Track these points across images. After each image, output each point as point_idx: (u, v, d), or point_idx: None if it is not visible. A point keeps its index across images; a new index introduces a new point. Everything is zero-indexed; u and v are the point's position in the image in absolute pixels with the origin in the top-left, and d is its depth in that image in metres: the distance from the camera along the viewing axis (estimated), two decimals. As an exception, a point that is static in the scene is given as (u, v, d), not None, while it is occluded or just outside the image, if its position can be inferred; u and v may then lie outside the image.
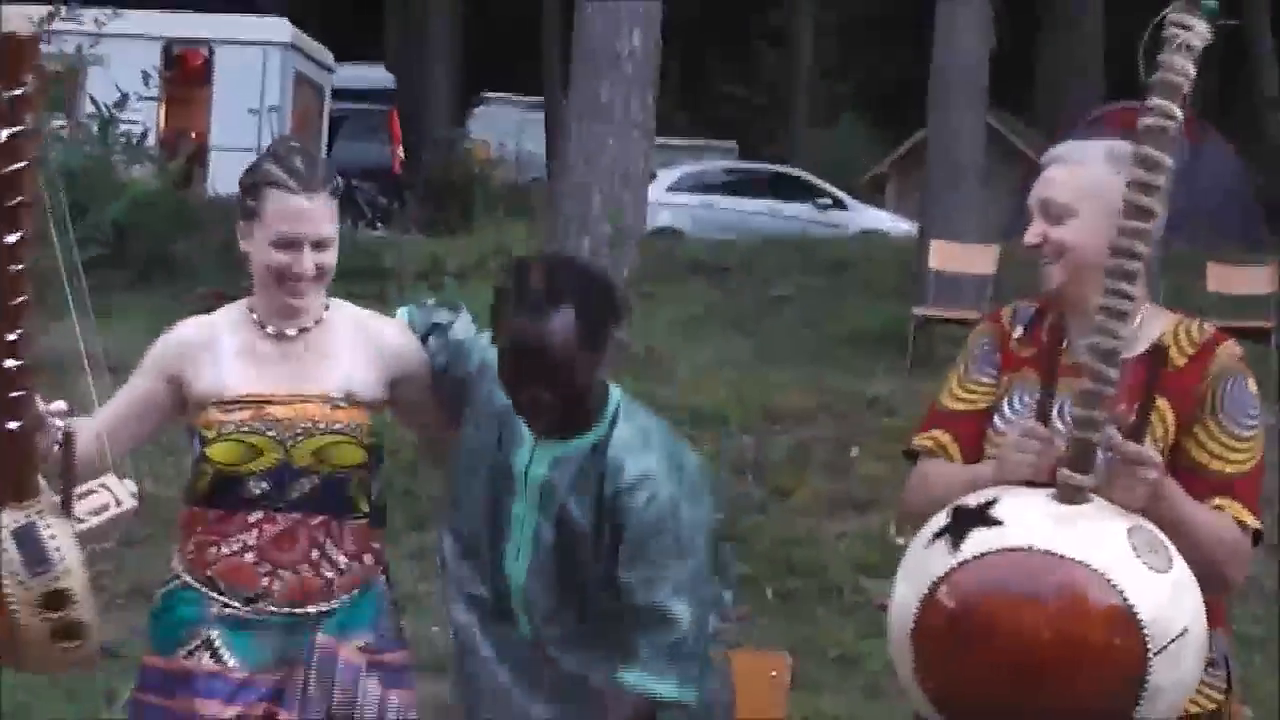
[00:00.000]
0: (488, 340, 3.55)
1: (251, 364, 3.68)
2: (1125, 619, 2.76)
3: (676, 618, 3.38)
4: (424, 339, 3.75)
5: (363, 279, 14.18)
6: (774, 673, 4.14)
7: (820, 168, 26.53)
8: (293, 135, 3.64)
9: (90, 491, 3.70)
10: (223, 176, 16.58)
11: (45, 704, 7.14)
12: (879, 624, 4.36)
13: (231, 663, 3.63)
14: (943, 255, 12.19)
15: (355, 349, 3.69)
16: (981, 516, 2.88)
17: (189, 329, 3.83)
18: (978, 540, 2.85)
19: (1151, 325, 3.18)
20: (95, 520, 3.66)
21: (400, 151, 24.42)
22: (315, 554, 3.63)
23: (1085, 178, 3.17)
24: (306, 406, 3.61)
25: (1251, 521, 3.08)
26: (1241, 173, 17.84)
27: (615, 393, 3.48)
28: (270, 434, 3.59)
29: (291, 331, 3.70)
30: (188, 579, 3.69)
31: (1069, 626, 2.76)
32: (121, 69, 14.80)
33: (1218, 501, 3.06)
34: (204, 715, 3.60)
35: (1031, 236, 3.22)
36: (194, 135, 18.47)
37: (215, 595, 3.65)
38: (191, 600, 3.68)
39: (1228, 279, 11.58)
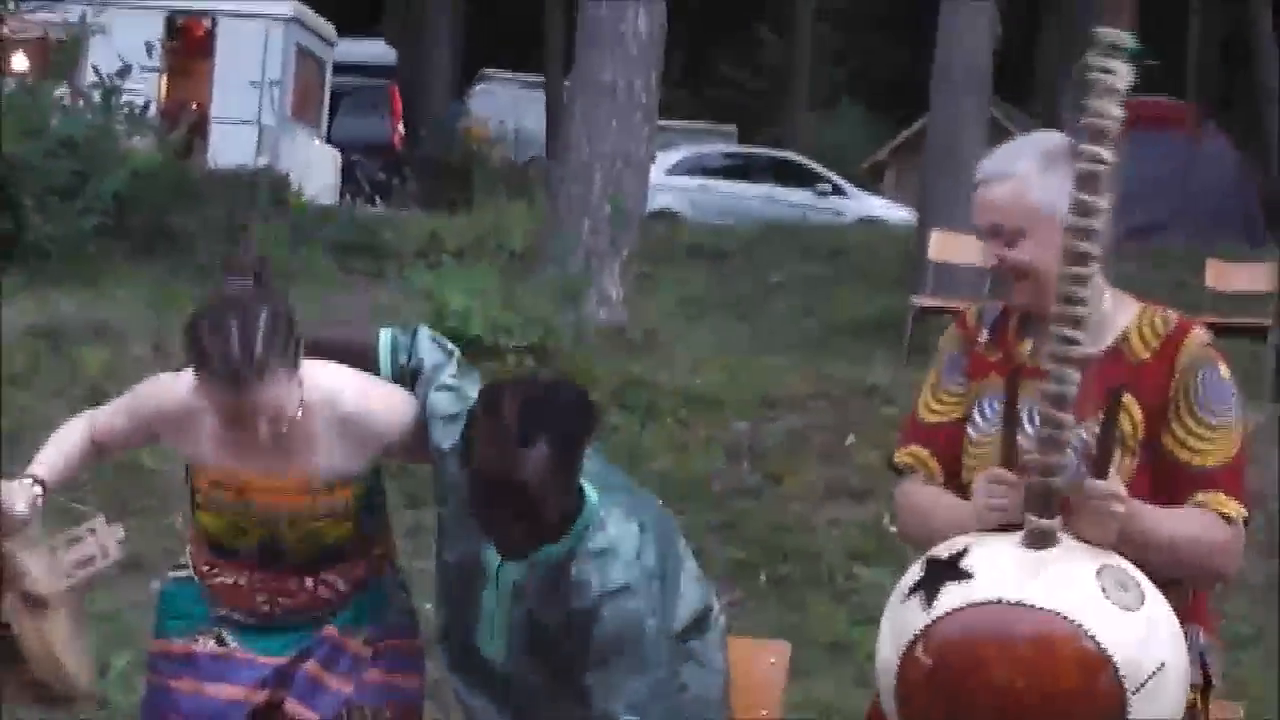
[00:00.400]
0: (457, 411, 3.48)
1: (229, 445, 3.53)
2: (1100, 663, 2.77)
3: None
4: (403, 370, 3.66)
5: (361, 255, 14.22)
6: (773, 660, 4.13)
7: (819, 154, 26.51)
8: (233, 308, 3.34)
9: (78, 539, 3.66)
10: (223, 148, 16.60)
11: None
12: (871, 611, 4.38)
13: (234, 646, 3.66)
14: (942, 245, 12.18)
15: (334, 437, 3.53)
16: (952, 569, 2.89)
17: (169, 400, 3.58)
18: (950, 595, 2.86)
19: (1117, 316, 3.17)
20: (81, 574, 3.65)
21: (401, 127, 24.39)
22: (311, 583, 3.64)
23: (1028, 196, 3.14)
24: (289, 495, 3.54)
25: (1236, 512, 3.07)
26: (1241, 168, 17.84)
27: (590, 499, 3.37)
28: (254, 518, 3.56)
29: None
30: (195, 577, 3.72)
31: (1045, 677, 2.78)
32: (124, 39, 14.79)
33: (1200, 498, 3.06)
34: (210, 697, 3.62)
35: (990, 259, 3.19)
36: (195, 106, 18.43)
37: (220, 608, 3.69)
38: (199, 598, 3.70)
39: (1227, 276, 11.59)
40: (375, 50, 26.63)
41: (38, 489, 3.59)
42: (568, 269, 10.55)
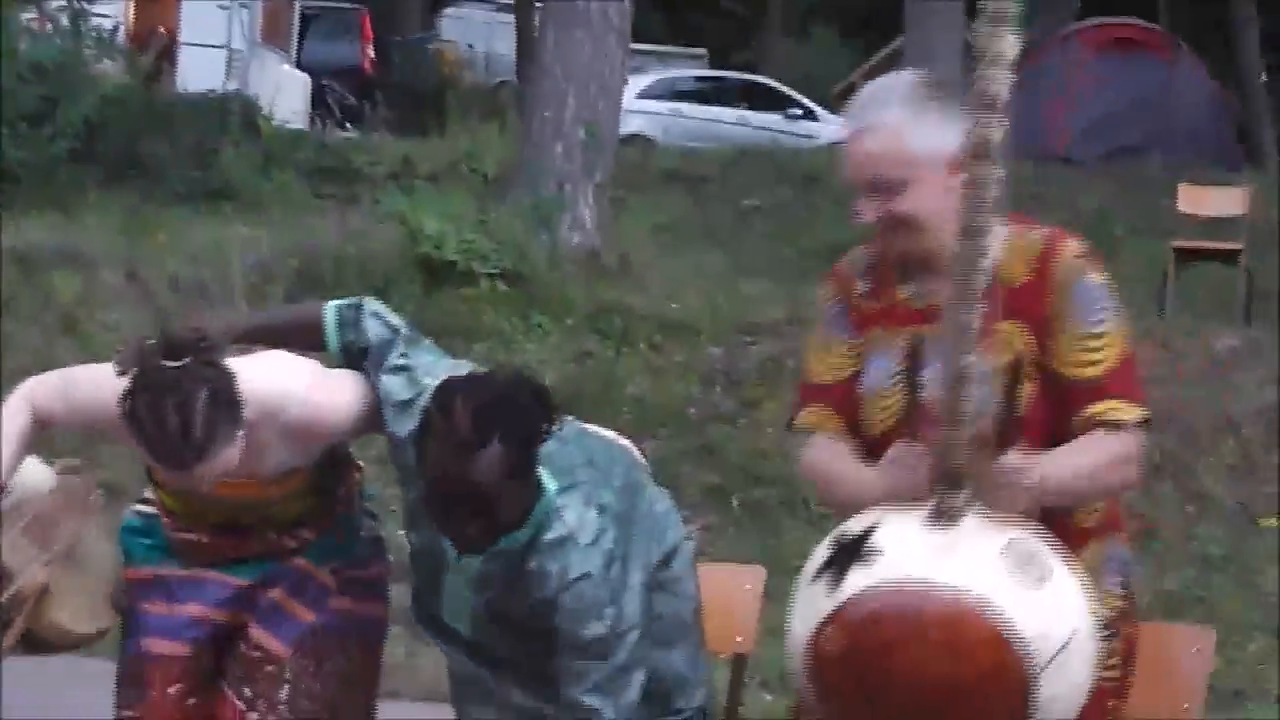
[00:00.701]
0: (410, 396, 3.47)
1: None
2: (1007, 641, 2.76)
3: (597, 712, 3.39)
4: (350, 345, 3.62)
5: (333, 179, 14.14)
6: (748, 586, 4.15)
7: (791, 78, 26.41)
8: (171, 392, 3.30)
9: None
10: (193, 73, 16.45)
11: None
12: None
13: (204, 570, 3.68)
14: (916, 170, 12.16)
15: (282, 442, 3.51)
16: (860, 548, 2.87)
17: (109, 404, 3.34)
18: (857, 576, 2.84)
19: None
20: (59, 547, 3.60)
21: (371, 51, 24.23)
22: (276, 538, 3.66)
23: (906, 145, 3.05)
24: (240, 489, 3.53)
25: (1131, 415, 3.07)
26: (1215, 93, 17.83)
27: (547, 490, 3.37)
28: (209, 505, 3.56)
29: None
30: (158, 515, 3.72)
31: (954, 658, 2.77)
32: (91, -38, 14.64)
33: (1093, 409, 3.05)
34: (177, 615, 3.65)
35: (869, 215, 3.11)
36: (163, 30, 18.26)
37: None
38: (163, 531, 3.71)
39: (1199, 200, 11.60)
40: (346, -27, 26.44)
41: None
42: (541, 193, 10.51)
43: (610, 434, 3.80)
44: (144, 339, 3.31)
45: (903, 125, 3.06)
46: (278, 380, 3.47)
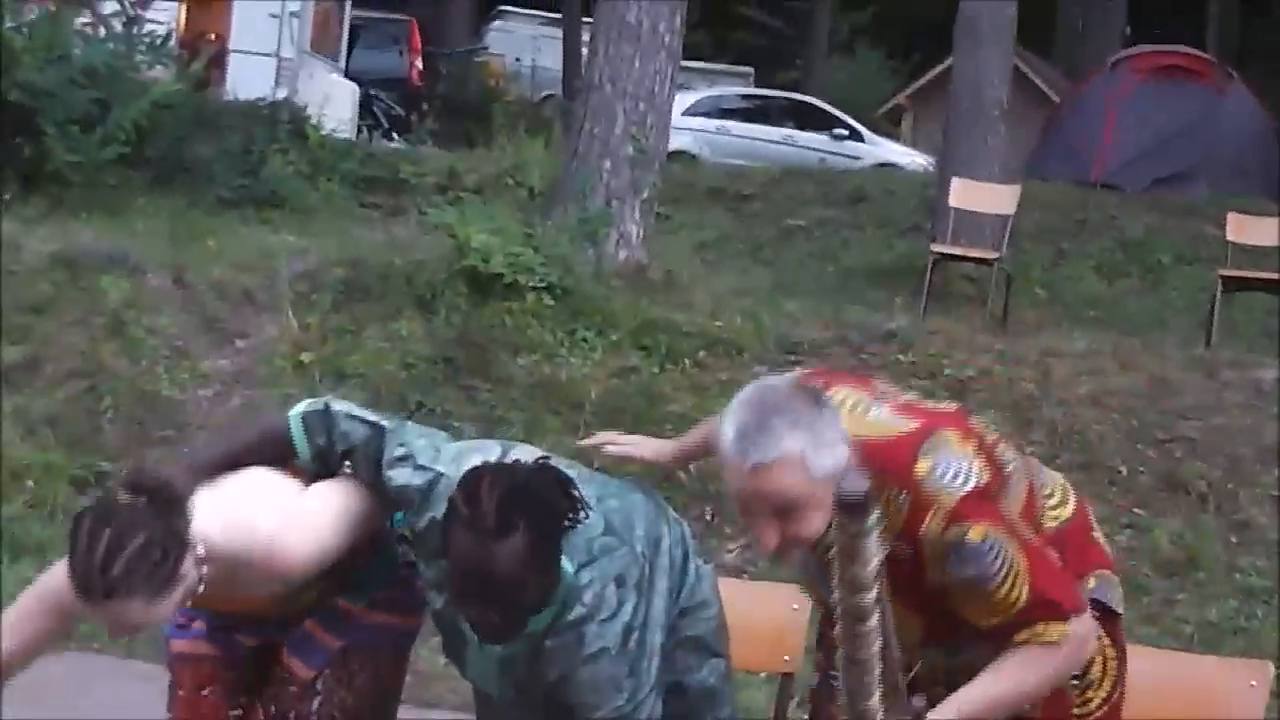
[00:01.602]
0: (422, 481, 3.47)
1: None
2: None
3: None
4: (323, 452, 3.57)
5: (379, 189, 14.18)
6: (795, 606, 4.14)
7: (836, 98, 26.42)
8: (114, 522, 3.39)
9: None
10: (242, 80, 16.54)
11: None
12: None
13: None
14: (962, 193, 12.14)
15: (263, 585, 3.51)
16: None
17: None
18: None
19: None
20: None
21: (419, 62, 24.31)
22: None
23: (810, 473, 2.98)
24: (247, 606, 3.59)
25: (1060, 634, 3.04)
26: (1264, 122, 17.74)
27: (566, 573, 3.36)
28: (221, 611, 3.62)
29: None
30: None
31: None
32: (146, -33, 14.72)
33: (1018, 638, 3.04)
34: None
35: (770, 541, 3.06)
36: (214, 37, 18.36)
37: None
38: None
39: (1247, 229, 11.53)
40: (394, -16, 26.52)
41: None
42: (587, 208, 10.51)
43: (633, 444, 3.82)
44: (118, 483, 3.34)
45: (804, 453, 2.98)
46: (240, 530, 3.40)
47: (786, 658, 4.11)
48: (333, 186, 13.49)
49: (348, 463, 3.56)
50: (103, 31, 12.72)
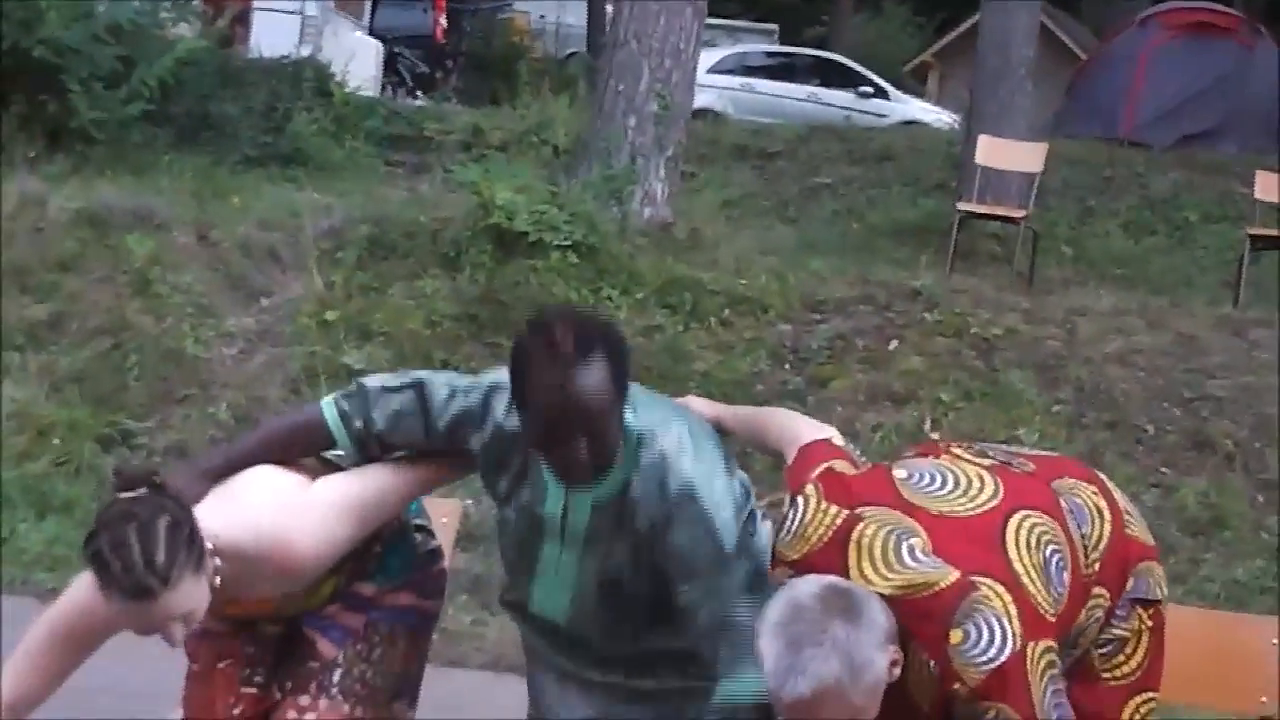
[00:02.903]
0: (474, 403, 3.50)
1: None
2: None
3: (738, 621, 3.41)
4: (364, 435, 3.55)
5: (404, 147, 14.18)
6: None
7: (861, 55, 26.30)
8: (130, 521, 3.38)
9: None
10: (266, 37, 16.51)
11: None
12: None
13: None
14: (989, 151, 12.10)
15: (271, 583, 3.46)
16: None
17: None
18: None
19: None
20: None
21: (443, 19, 24.23)
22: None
23: (845, 698, 2.96)
24: (257, 607, 3.54)
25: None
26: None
27: (630, 421, 3.39)
28: (229, 617, 3.57)
29: None
30: None
31: None
32: (170, -76, 14.70)
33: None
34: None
35: None
36: (238, -6, 18.32)
37: None
38: None
39: (1273, 187, 11.47)
40: (418, -59, 26.44)
41: None
42: (612, 166, 10.48)
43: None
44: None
45: (840, 681, 2.95)
46: (243, 525, 3.36)
47: None
48: (357, 144, 13.49)
49: (388, 439, 3.55)
50: (126, -11, 12.70)
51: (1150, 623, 3.33)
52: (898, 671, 2.99)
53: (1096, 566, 3.26)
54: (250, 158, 12.50)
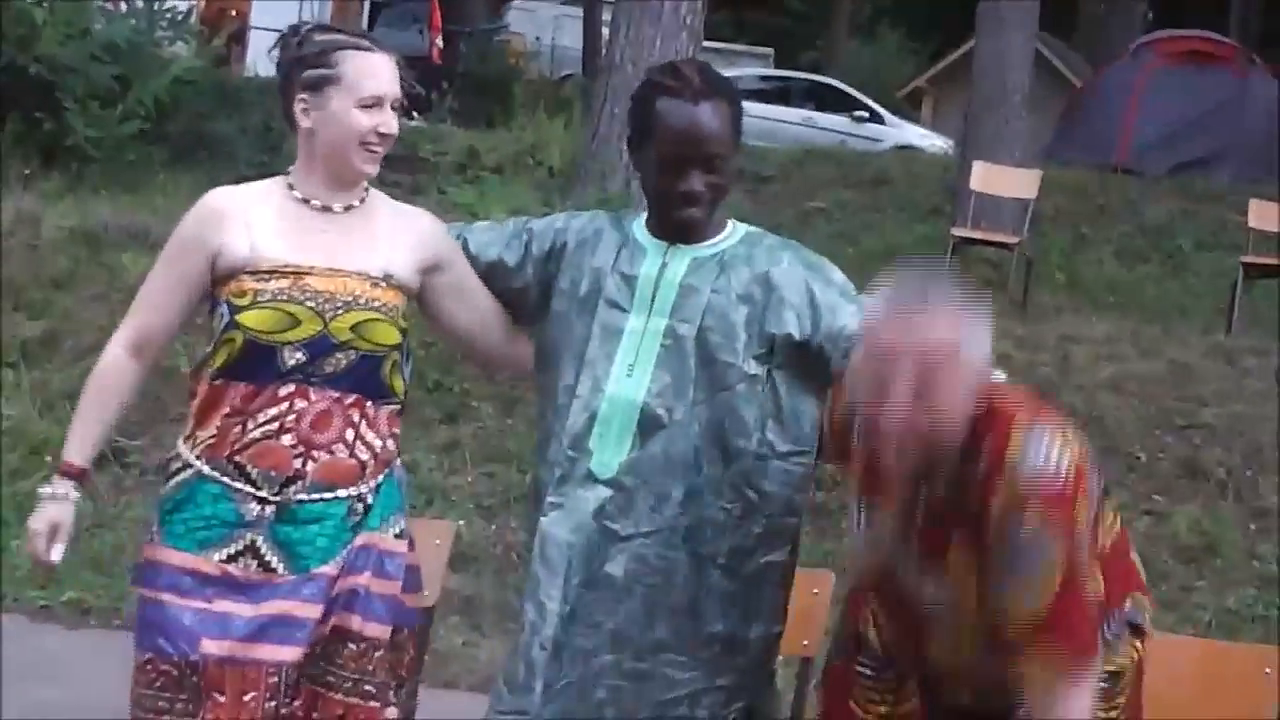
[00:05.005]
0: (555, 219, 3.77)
1: (290, 234, 3.58)
2: None
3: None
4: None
5: (399, 167, 14.16)
6: (816, 590, 4.13)
7: (856, 80, 26.35)
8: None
9: None
10: (263, 57, 16.50)
11: (75, 576, 7.20)
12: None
13: (280, 569, 3.52)
14: (984, 177, 12.12)
15: (395, 233, 3.65)
16: None
17: (220, 198, 3.66)
18: None
19: None
20: None
21: (439, 41, 24.27)
22: (350, 435, 3.53)
23: (958, 331, 3.00)
24: (346, 281, 3.53)
25: (1058, 672, 3.03)
26: (1288, 108, 17.67)
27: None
28: (309, 304, 3.50)
29: (337, 207, 3.64)
30: (205, 468, 3.53)
31: None
32: (166, -57, 14.73)
33: (1025, 666, 3.04)
34: (251, 617, 3.48)
35: (896, 417, 2.97)
36: (235, 14, 18.37)
37: (244, 486, 3.50)
38: (218, 495, 3.52)
39: (1269, 215, 11.49)
40: (415, -38, 26.49)
41: (71, 495, 3.64)
42: (607, 189, 10.50)
43: None
44: None
45: (960, 313, 3.00)
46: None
47: (805, 642, 4.10)
48: (353, 162, 13.49)
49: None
50: (124, 7, 12.76)
51: (1138, 655, 3.33)
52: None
53: (1106, 545, 3.25)
54: (246, 177, 12.46)
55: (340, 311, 3.51)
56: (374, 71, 3.60)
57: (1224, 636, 6.79)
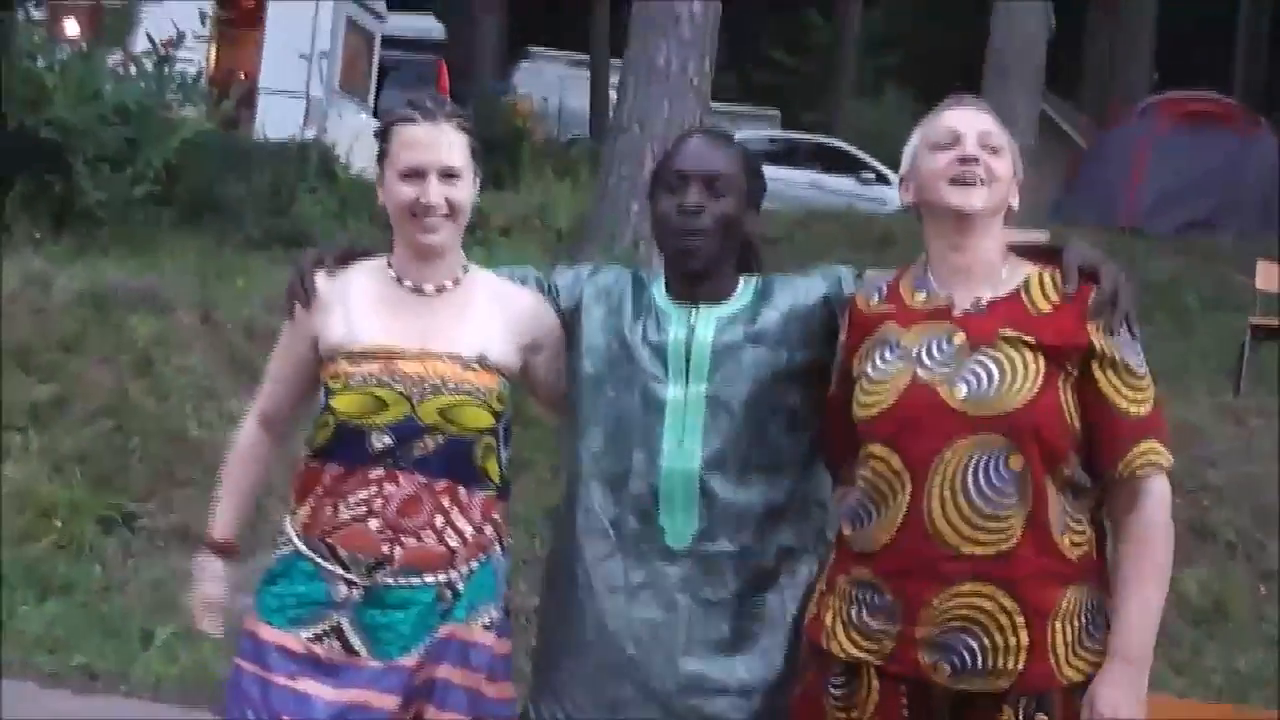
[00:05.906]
0: (594, 273, 3.82)
1: (384, 316, 3.61)
2: None
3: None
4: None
5: (407, 230, 14.20)
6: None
7: (863, 141, 26.41)
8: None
9: None
10: (271, 119, 16.61)
11: (84, 641, 7.19)
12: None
13: (363, 652, 3.54)
14: (991, 237, 12.11)
15: (492, 313, 3.63)
16: None
17: (321, 279, 3.71)
18: None
19: (1015, 273, 3.47)
20: None
21: (447, 102, 24.36)
22: (440, 520, 3.55)
23: (1005, 134, 3.56)
24: (437, 364, 3.54)
25: (1166, 460, 3.33)
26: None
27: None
28: (397, 388, 3.52)
29: (429, 289, 3.64)
30: (301, 546, 3.61)
31: None
32: (177, 6, 14.80)
33: (1142, 447, 3.30)
34: (330, 701, 3.50)
35: (971, 151, 3.48)
36: (244, 77, 18.44)
37: (334, 567, 3.55)
38: (311, 574, 3.58)
39: (1273, 276, 11.50)
40: (424, 25, 26.61)
41: (213, 569, 3.81)
42: (615, 250, 10.53)
43: None
44: None
45: (1000, 123, 3.53)
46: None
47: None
48: (361, 226, 13.53)
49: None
50: (134, 70, 12.80)
51: None
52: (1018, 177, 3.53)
53: None
54: (254, 239, 12.55)
55: (428, 395, 3.53)
56: (412, 142, 3.61)
57: (1234, 699, 6.78)
